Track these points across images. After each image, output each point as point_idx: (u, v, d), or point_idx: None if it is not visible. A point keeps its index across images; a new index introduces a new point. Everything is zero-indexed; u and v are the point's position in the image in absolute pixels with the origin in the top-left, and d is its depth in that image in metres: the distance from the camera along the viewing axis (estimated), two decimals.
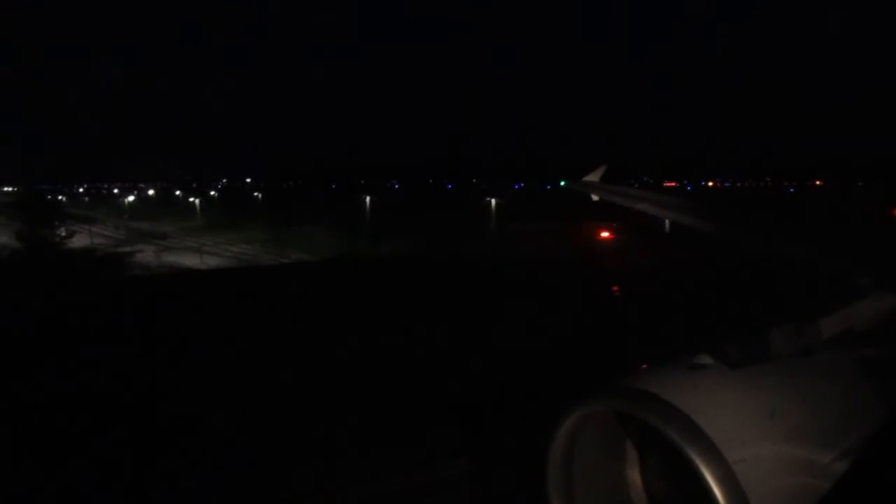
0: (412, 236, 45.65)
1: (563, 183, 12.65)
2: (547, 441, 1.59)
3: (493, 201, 76.95)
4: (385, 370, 8.10)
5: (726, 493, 1.28)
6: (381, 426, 6.38)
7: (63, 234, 30.71)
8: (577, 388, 1.58)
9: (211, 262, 41.43)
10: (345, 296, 13.56)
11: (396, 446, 5.99)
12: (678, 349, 1.58)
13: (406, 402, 6.87)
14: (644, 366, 1.57)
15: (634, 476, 1.68)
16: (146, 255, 41.66)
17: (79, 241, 33.74)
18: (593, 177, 11.43)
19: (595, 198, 10.08)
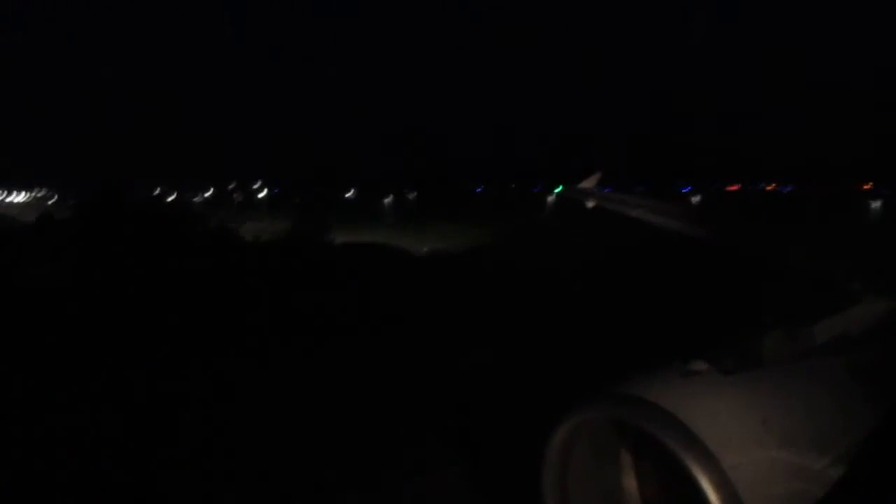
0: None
1: (556, 189, 12.63)
2: (543, 447, 1.59)
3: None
4: None
5: (721, 499, 1.28)
6: None
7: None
8: None
9: None
10: None
11: None
12: (673, 356, 1.59)
13: None
14: (639, 372, 1.57)
15: (630, 482, 1.68)
16: None
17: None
18: (588, 183, 11.42)
19: (590, 205, 10.07)
